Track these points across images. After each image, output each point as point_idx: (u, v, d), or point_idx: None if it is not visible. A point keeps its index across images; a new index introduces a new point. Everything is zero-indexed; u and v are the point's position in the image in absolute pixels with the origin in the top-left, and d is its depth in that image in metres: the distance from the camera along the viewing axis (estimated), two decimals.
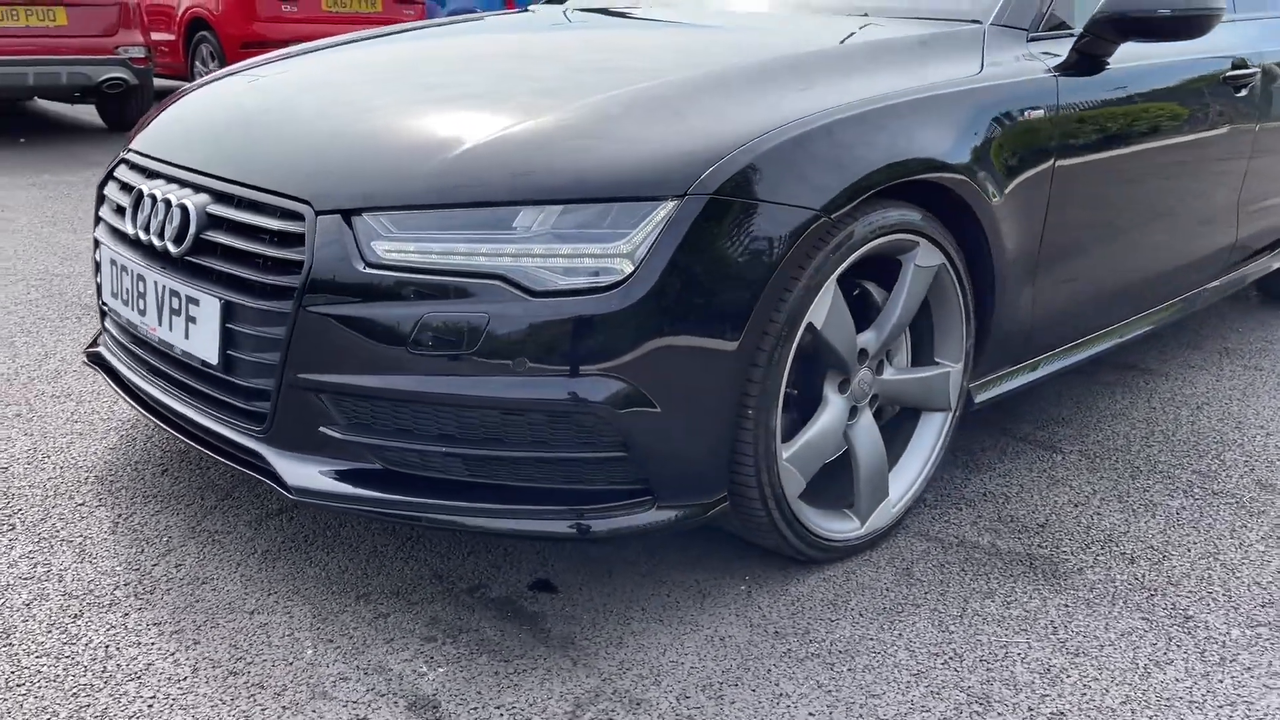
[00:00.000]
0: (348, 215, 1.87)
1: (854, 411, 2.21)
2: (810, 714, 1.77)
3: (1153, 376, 3.40)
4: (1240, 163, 3.22)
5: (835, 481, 2.26)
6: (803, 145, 1.93)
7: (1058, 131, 2.44)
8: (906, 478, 2.37)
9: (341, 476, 1.93)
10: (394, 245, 1.84)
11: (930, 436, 2.40)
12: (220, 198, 2.06)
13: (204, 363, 2.04)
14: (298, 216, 1.91)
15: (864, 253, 2.06)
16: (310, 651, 1.88)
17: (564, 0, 3.59)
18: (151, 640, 1.90)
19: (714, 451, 1.93)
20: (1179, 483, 2.66)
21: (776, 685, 1.84)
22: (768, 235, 1.88)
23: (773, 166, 1.89)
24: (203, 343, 2.02)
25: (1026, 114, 2.36)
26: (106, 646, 1.88)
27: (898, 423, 2.42)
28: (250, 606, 2.01)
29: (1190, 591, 2.17)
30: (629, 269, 1.80)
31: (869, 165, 1.99)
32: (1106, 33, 2.55)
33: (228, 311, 1.97)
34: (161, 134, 2.39)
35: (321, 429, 1.92)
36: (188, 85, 2.75)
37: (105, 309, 2.41)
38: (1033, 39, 2.54)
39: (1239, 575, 2.24)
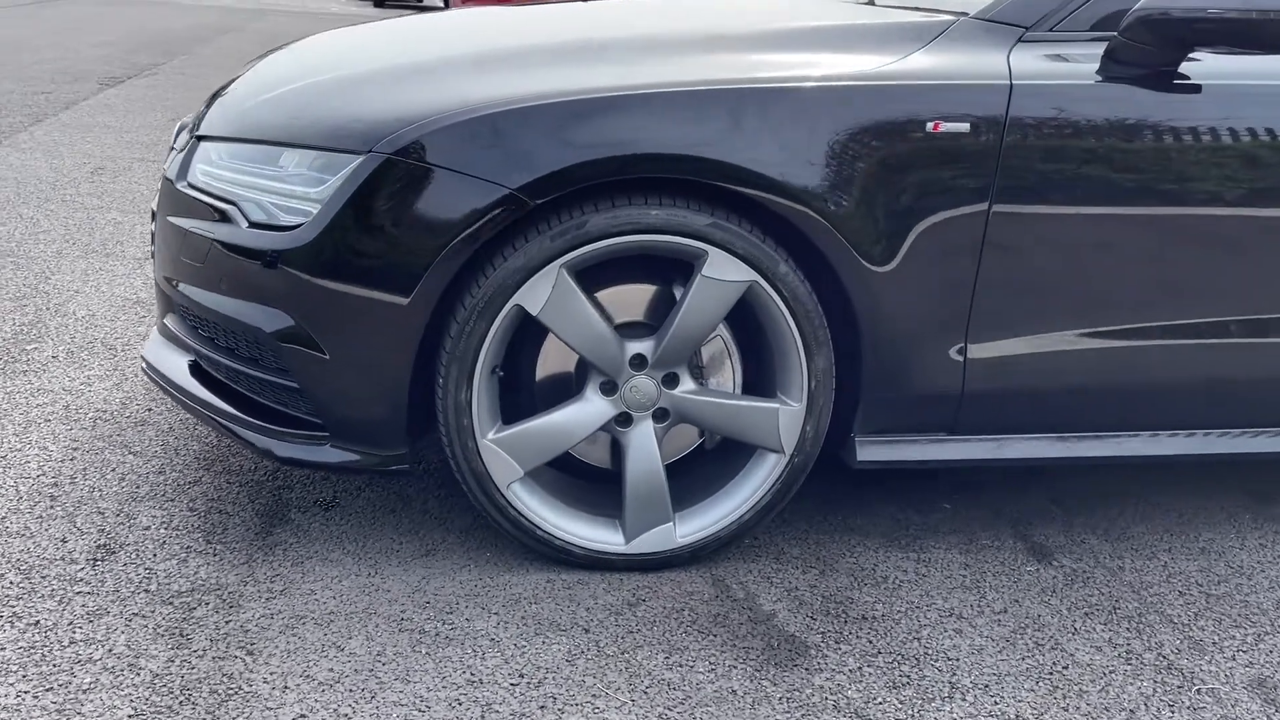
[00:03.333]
0: (199, 140, 2.22)
1: (629, 420, 2.06)
2: (330, 669, 1.79)
3: None
4: None
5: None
6: (499, 123, 1.86)
7: (998, 156, 1.96)
8: (715, 513, 2.12)
9: (184, 365, 2.28)
10: (205, 168, 2.15)
11: (758, 478, 2.11)
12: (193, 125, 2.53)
13: None
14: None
15: (612, 247, 1.92)
16: (114, 489, 2.31)
17: None
18: (71, 455, 2.47)
19: (389, 408, 1.97)
20: (1141, 642, 2.00)
21: (348, 639, 1.86)
22: (447, 206, 1.87)
23: (460, 140, 1.86)
24: None
25: (934, 127, 1.94)
26: (49, 445, 2.49)
27: (725, 453, 2.17)
28: (137, 449, 2.49)
29: None
30: (313, 212, 1.93)
31: (585, 154, 1.85)
32: (1143, 38, 1.97)
33: (152, 214, 2.44)
34: None
35: (163, 319, 2.31)
36: None
37: None
38: (1031, 39, 2.04)
39: None
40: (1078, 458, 2.17)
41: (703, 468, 2.20)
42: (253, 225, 1.99)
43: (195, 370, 2.22)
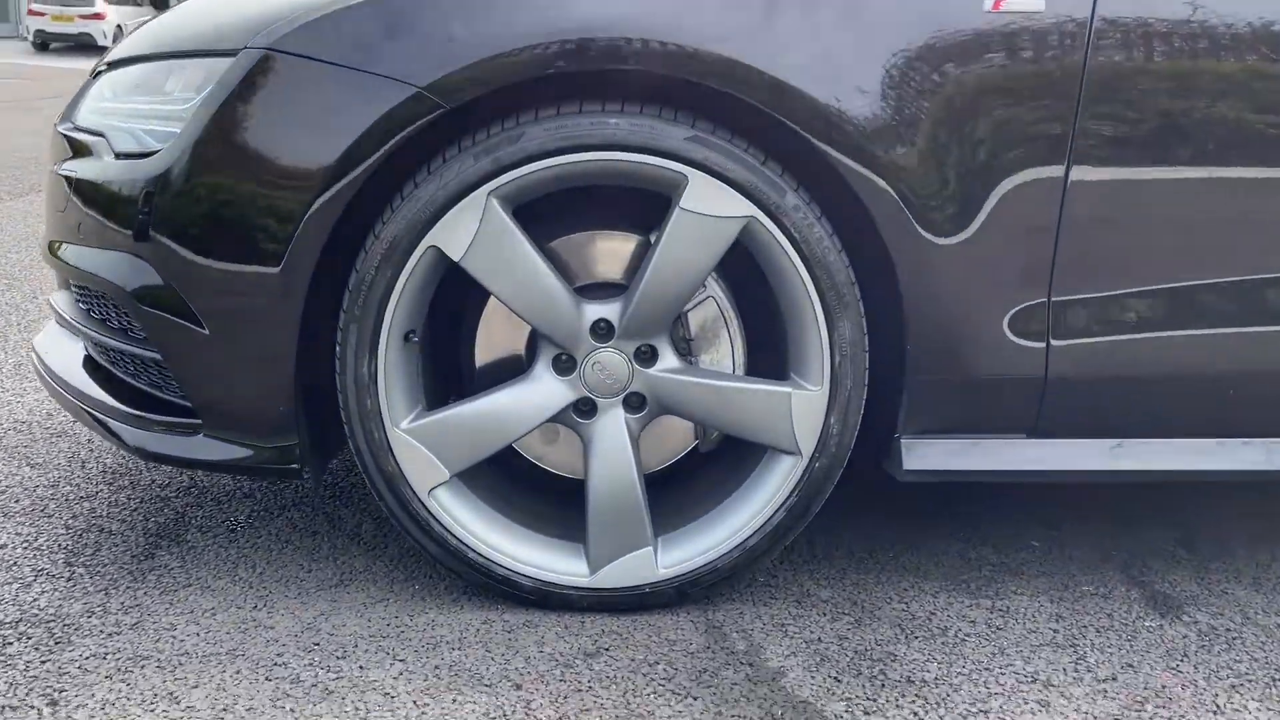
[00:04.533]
0: (96, 76, 1.83)
1: (593, 408, 1.56)
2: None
3: None
4: None
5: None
6: (405, 2, 1.41)
7: (1086, 48, 1.43)
8: (711, 536, 1.58)
9: (78, 356, 1.86)
10: (92, 104, 1.74)
11: (768, 489, 1.57)
12: None
13: None
14: None
15: (558, 169, 1.44)
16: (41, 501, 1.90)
17: None
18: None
19: (269, 383, 1.50)
20: None
21: (191, 689, 1.38)
22: (339, 112, 1.43)
23: (353, 26, 1.44)
24: None
25: (993, 5, 1.43)
26: None
27: (727, 457, 1.65)
28: (39, 461, 2.08)
29: None
30: (176, 131, 1.50)
31: (518, 39, 1.38)
32: None
33: None
34: None
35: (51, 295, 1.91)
36: None
37: None
38: None
39: None
40: (1225, 470, 1.57)
41: (697, 477, 1.68)
42: (119, 156, 1.58)
43: (89, 364, 1.80)
